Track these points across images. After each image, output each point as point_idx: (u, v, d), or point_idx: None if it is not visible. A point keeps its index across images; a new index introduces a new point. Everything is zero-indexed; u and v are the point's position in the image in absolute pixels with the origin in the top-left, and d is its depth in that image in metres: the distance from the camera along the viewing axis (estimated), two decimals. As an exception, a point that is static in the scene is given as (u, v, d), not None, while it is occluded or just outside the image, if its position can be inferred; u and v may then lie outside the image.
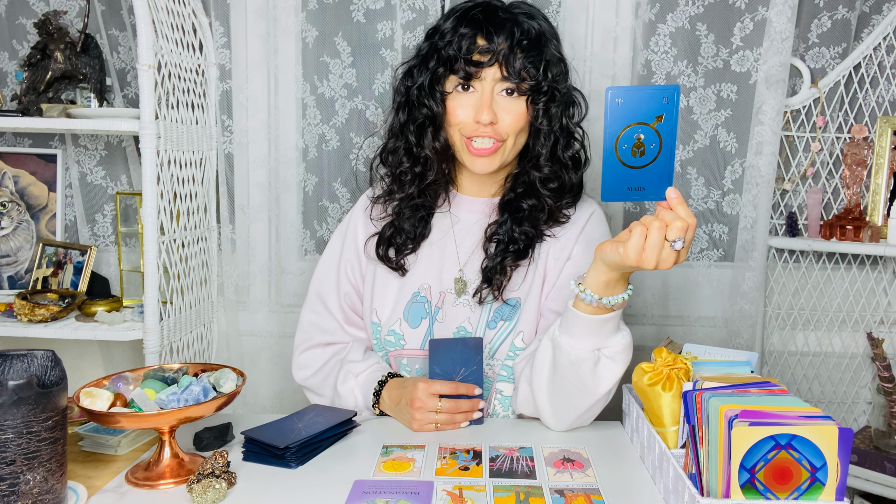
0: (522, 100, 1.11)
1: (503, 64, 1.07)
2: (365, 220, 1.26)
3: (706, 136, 1.67)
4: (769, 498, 0.75)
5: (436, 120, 1.14)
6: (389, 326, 1.21)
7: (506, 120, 1.10)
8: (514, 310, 1.18)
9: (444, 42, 1.10)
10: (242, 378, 0.99)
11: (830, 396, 1.73)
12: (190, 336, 1.63)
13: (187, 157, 1.57)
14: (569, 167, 1.18)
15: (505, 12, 1.12)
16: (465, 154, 1.14)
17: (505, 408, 1.21)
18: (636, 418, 1.05)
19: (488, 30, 1.08)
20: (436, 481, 0.93)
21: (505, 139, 1.12)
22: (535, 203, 1.17)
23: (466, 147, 1.12)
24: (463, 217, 1.24)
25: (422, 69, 1.14)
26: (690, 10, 1.62)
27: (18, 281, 1.76)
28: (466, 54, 1.08)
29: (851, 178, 1.63)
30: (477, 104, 1.10)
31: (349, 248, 1.27)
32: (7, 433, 0.75)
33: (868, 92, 1.63)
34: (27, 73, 1.61)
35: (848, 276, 1.69)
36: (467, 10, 1.12)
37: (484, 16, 1.09)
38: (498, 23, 1.08)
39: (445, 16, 1.15)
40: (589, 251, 1.16)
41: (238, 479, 0.93)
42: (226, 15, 1.65)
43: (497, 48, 1.07)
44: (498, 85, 1.10)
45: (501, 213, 1.20)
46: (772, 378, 0.91)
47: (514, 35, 1.07)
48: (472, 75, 1.09)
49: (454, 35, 1.09)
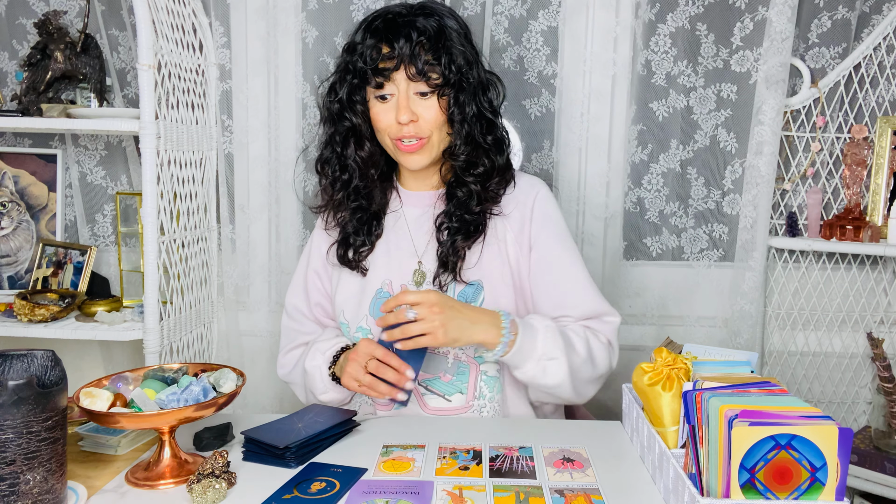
0: (435, 96, 1.16)
1: (407, 66, 1.13)
2: (322, 232, 1.33)
3: (706, 136, 1.67)
4: (769, 498, 0.75)
5: (357, 131, 1.21)
6: (357, 323, 1.24)
7: (425, 116, 1.16)
8: (477, 290, 1.21)
9: (355, 56, 1.16)
10: (242, 378, 0.99)
11: (830, 396, 1.73)
12: (190, 336, 1.63)
13: (187, 157, 1.58)
14: (491, 150, 1.22)
15: (402, 17, 1.16)
16: (398, 154, 1.20)
17: (490, 388, 1.20)
18: (636, 418, 1.05)
19: (388, 37, 1.13)
20: (436, 481, 0.93)
21: (429, 135, 1.18)
22: (466, 189, 1.23)
23: (398, 147, 1.19)
24: (413, 211, 1.29)
25: (342, 84, 1.20)
26: (690, 10, 1.62)
27: (18, 281, 1.76)
28: (373, 64, 1.14)
29: (851, 178, 1.63)
30: (395, 108, 1.16)
31: (315, 259, 1.33)
32: (7, 433, 0.75)
33: (868, 92, 1.63)
34: (27, 73, 1.61)
35: (848, 276, 1.69)
36: (370, 21, 1.17)
37: (384, 24, 1.15)
38: (396, 29, 1.14)
39: (355, 30, 1.20)
40: (546, 229, 1.23)
41: (238, 479, 0.93)
42: (226, 15, 1.65)
43: (399, 53, 1.13)
44: (411, 87, 1.15)
45: (447, 201, 1.25)
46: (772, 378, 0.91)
47: (411, 38, 1.12)
48: (382, 84, 1.15)
49: (363, 47, 1.15)
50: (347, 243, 1.27)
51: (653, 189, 1.70)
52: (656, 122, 1.67)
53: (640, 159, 1.69)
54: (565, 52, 1.62)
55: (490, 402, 1.21)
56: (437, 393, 1.21)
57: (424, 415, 1.21)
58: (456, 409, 1.20)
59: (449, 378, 1.21)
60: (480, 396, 1.21)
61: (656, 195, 1.70)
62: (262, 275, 1.74)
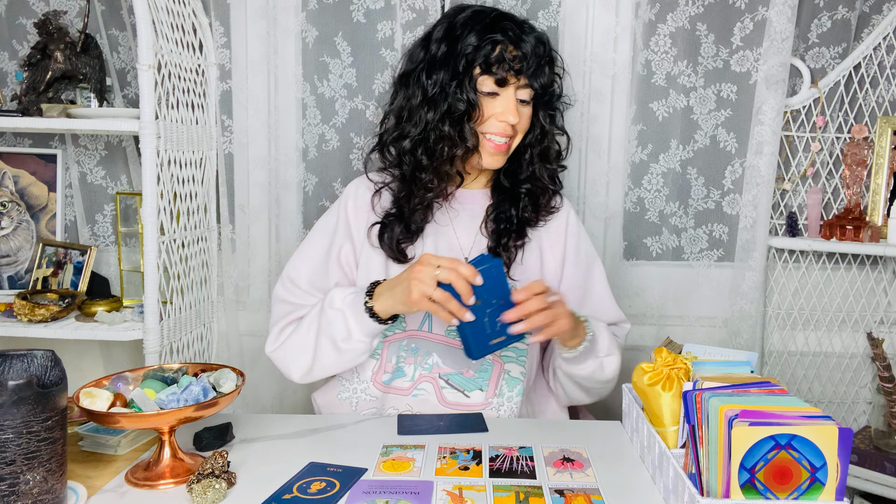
0: (530, 106, 1.23)
1: (531, 74, 1.19)
2: (361, 209, 1.29)
3: (706, 136, 1.67)
4: (769, 498, 0.75)
5: (466, 117, 1.20)
6: None
7: (521, 123, 1.22)
8: None
9: (485, 46, 1.17)
10: (242, 378, 0.99)
11: (830, 396, 1.73)
12: (190, 336, 1.63)
13: (187, 157, 1.58)
14: (555, 161, 1.32)
15: (526, 24, 1.22)
16: (484, 150, 1.22)
17: (511, 388, 1.23)
18: (636, 418, 1.05)
19: (516, 40, 1.18)
20: (436, 481, 0.93)
21: (514, 137, 1.23)
22: (523, 193, 1.28)
23: (486, 143, 1.21)
24: (462, 208, 1.30)
25: (448, 67, 1.19)
26: (690, 9, 1.62)
27: (18, 281, 1.76)
28: (504, 61, 1.17)
29: (851, 178, 1.63)
30: (504, 106, 1.19)
31: (342, 236, 1.28)
32: (7, 433, 0.75)
33: (868, 92, 1.63)
34: (27, 73, 1.61)
35: (848, 276, 1.69)
36: (494, 18, 1.20)
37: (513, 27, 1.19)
38: (523, 35, 1.19)
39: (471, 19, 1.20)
40: (582, 243, 1.33)
41: (238, 479, 0.93)
42: (226, 15, 1.65)
43: (527, 58, 1.18)
44: (518, 92, 1.20)
45: (501, 202, 1.29)
46: (772, 378, 0.91)
47: (538, 50, 1.19)
48: (506, 81, 1.18)
49: (488, 42, 1.17)
50: (397, 227, 1.24)
51: (653, 189, 1.70)
52: (656, 122, 1.67)
53: (640, 159, 1.69)
54: (565, 52, 1.62)
55: (508, 401, 1.22)
56: (456, 388, 1.22)
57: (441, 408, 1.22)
58: (473, 405, 1.22)
59: (471, 374, 1.23)
60: (500, 395, 1.22)
61: (656, 195, 1.70)
62: (262, 275, 1.74)
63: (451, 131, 1.19)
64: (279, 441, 1.07)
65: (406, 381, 1.22)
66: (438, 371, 1.22)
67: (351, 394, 1.26)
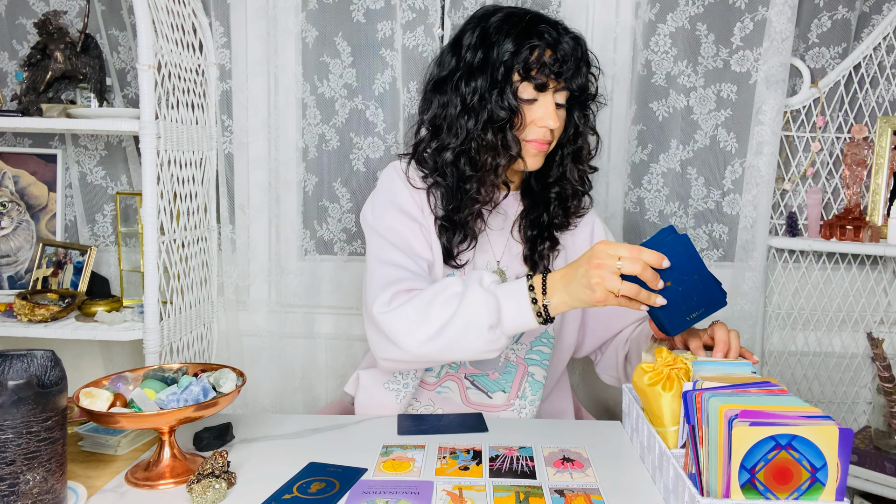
0: (564, 109, 1.21)
1: (570, 79, 1.16)
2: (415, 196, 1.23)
3: (706, 136, 1.67)
4: (769, 498, 0.75)
5: (508, 125, 1.16)
6: None
7: (559, 126, 1.20)
8: None
9: (513, 52, 1.14)
10: (242, 378, 0.99)
11: (830, 396, 1.73)
12: (190, 336, 1.63)
13: (187, 157, 1.57)
14: (588, 164, 1.30)
15: (562, 26, 1.18)
16: (526, 152, 1.19)
17: (534, 391, 1.24)
18: (636, 418, 1.05)
19: (555, 45, 1.14)
20: (436, 481, 0.93)
21: (552, 140, 1.21)
22: (555, 197, 1.27)
23: (529, 145, 1.19)
24: (492, 212, 1.28)
25: (485, 75, 1.15)
26: (690, 9, 1.62)
27: (18, 281, 1.76)
28: (543, 66, 1.14)
29: (851, 178, 1.63)
30: (544, 111, 1.16)
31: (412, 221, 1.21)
32: (7, 433, 0.75)
33: (868, 92, 1.63)
34: (27, 73, 1.61)
35: (848, 276, 1.69)
36: (531, 21, 1.15)
37: (550, 31, 1.15)
38: (560, 39, 1.15)
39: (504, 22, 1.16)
40: None
41: (238, 479, 0.93)
42: (226, 15, 1.65)
43: (566, 63, 1.15)
44: (556, 95, 1.17)
45: (527, 201, 1.29)
46: (772, 378, 0.91)
47: (577, 53, 1.17)
48: (546, 86, 1.15)
49: (526, 48, 1.13)
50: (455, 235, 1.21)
51: (653, 189, 1.70)
52: (656, 122, 1.67)
53: (640, 159, 1.69)
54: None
55: (531, 404, 1.24)
56: (481, 389, 1.24)
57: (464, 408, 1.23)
58: (496, 406, 1.24)
59: (496, 376, 1.24)
60: (522, 397, 1.24)
61: (656, 195, 1.70)
62: (262, 275, 1.74)
63: (493, 140, 1.16)
64: (279, 441, 1.07)
65: (432, 376, 1.25)
66: (465, 371, 1.25)
67: (401, 386, 1.21)
